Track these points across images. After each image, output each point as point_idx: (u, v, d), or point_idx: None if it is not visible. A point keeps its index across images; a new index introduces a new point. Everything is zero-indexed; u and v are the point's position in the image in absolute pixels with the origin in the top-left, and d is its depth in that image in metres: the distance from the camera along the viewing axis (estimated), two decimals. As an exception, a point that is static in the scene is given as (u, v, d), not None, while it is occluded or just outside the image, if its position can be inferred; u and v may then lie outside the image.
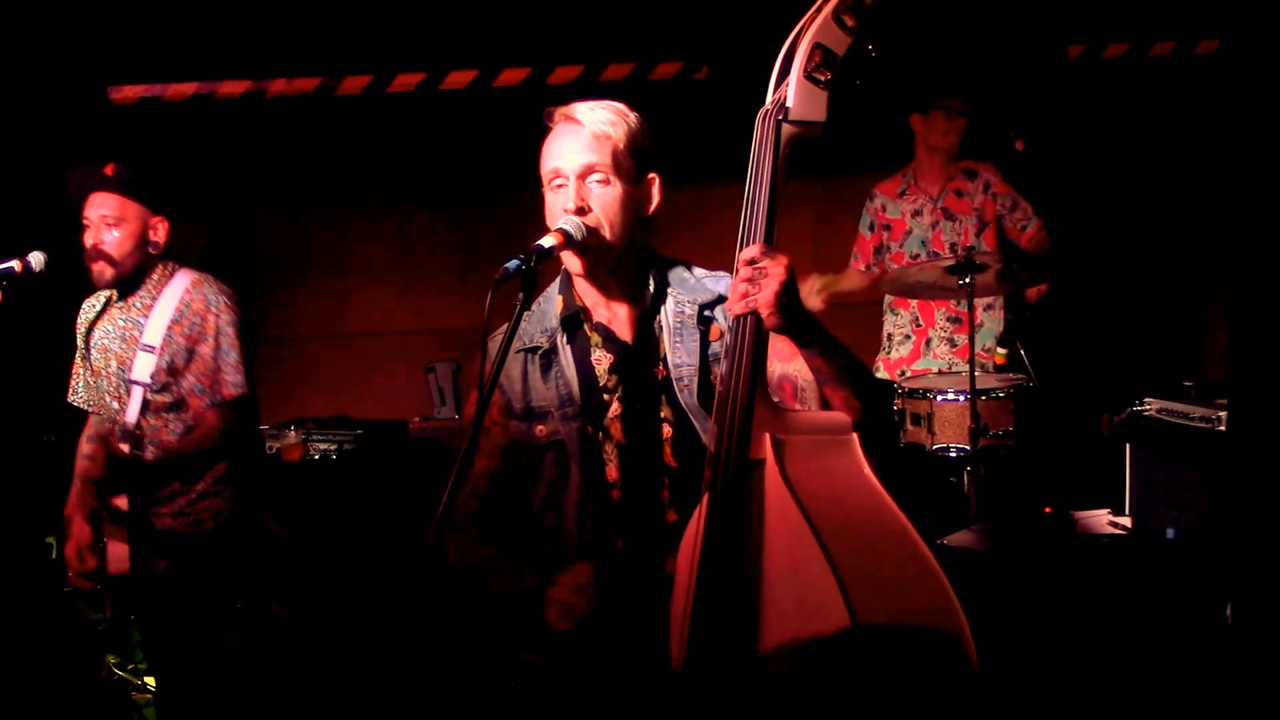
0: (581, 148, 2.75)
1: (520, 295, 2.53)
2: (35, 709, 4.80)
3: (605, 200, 2.75)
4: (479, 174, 7.20)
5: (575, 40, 7.09)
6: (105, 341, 4.21)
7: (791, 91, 2.53)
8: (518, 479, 2.92)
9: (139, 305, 4.18)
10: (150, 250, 4.17)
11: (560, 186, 2.76)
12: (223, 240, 7.29)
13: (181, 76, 7.07)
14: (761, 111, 2.55)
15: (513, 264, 2.51)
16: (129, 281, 4.18)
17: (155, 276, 4.20)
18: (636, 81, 7.22)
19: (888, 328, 6.30)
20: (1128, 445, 5.31)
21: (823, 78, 2.52)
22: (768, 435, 2.48)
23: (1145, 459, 5.23)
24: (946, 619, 2.36)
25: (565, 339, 2.87)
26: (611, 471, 2.82)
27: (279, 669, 4.37)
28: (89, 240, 4.11)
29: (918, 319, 6.15)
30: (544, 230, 2.69)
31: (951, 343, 6.07)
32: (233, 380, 4.12)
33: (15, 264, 3.94)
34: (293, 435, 6.27)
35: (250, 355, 4.20)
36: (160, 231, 4.17)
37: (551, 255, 2.63)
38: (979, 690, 2.37)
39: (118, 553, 4.05)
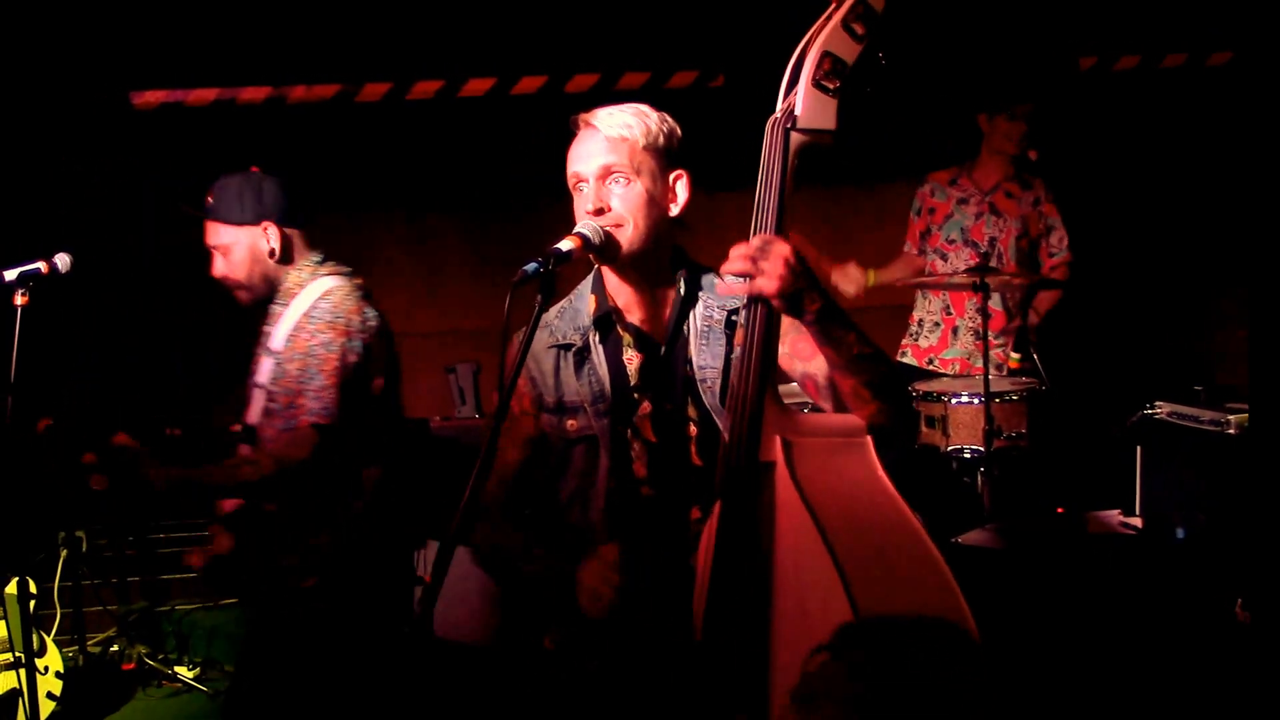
0: (599, 150, 2.82)
1: (539, 297, 2.59)
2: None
3: (625, 198, 2.81)
4: (497, 179, 7.25)
5: (592, 49, 7.13)
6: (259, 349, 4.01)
7: (800, 100, 2.53)
8: (546, 470, 2.99)
9: (275, 310, 3.96)
10: (271, 259, 3.93)
11: (581, 189, 2.84)
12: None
13: (203, 82, 7.14)
14: (771, 120, 2.57)
15: (531, 267, 2.57)
16: (268, 296, 3.98)
17: (289, 283, 3.95)
18: (653, 90, 7.25)
19: (918, 313, 6.32)
20: (1138, 447, 5.34)
21: (832, 86, 2.52)
22: (778, 437, 2.51)
23: (1155, 461, 5.26)
24: (954, 625, 2.37)
25: (598, 338, 2.93)
26: (639, 468, 2.88)
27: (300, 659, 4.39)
28: (214, 271, 3.98)
29: (948, 307, 6.17)
30: (562, 233, 2.74)
31: (977, 334, 6.09)
32: (311, 407, 3.71)
33: (41, 265, 3.96)
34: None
35: (357, 384, 3.79)
36: (272, 238, 3.92)
37: (570, 258, 2.67)
38: (985, 695, 2.40)
39: (220, 545, 3.83)
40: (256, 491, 3.77)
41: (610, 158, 2.81)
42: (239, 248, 3.94)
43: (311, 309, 3.85)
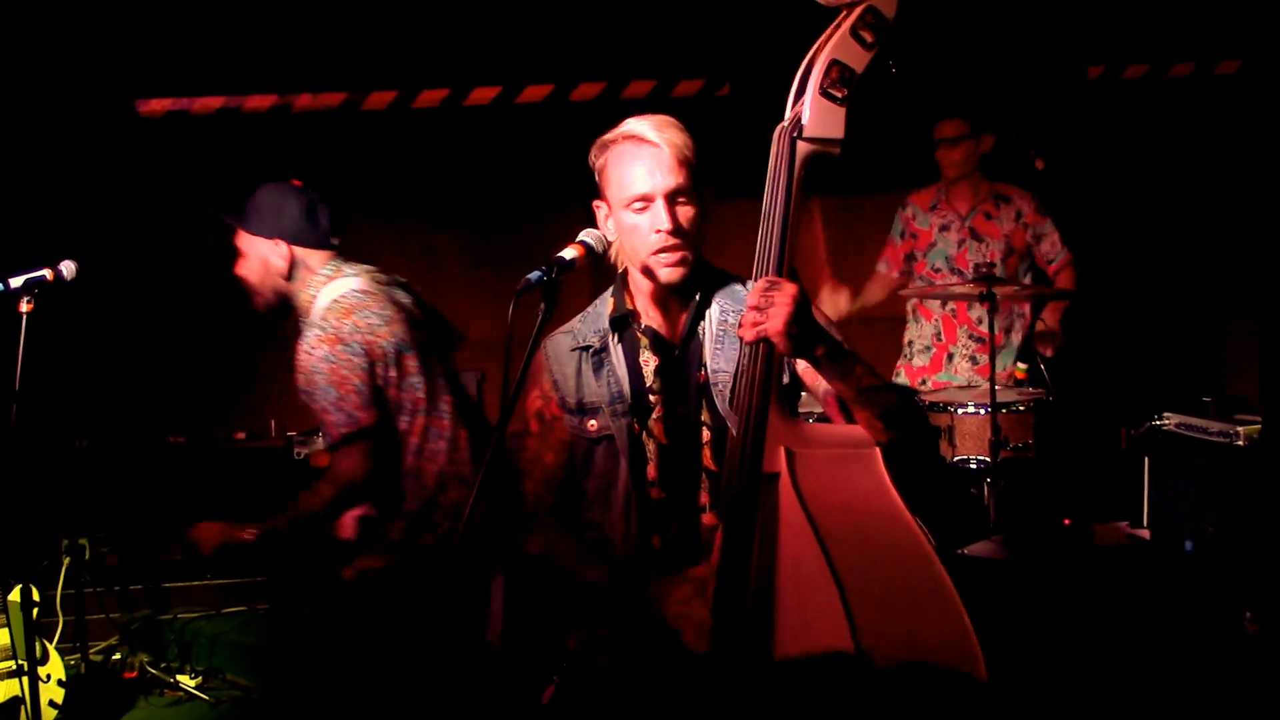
0: (666, 170, 2.81)
1: (542, 305, 2.60)
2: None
3: (690, 218, 2.83)
4: (501, 187, 7.24)
5: (598, 57, 7.12)
6: None
7: (807, 108, 2.53)
8: (573, 470, 3.01)
9: (303, 328, 3.97)
10: (280, 276, 3.94)
11: (644, 209, 2.82)
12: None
13: (209, 90, 7.13)
14: (778, 128, 2.57)
15: (534, 275, 2.59)
16: (282, 308, 4.00)
17: (303, 300, 3.96)
18: (658, 98, 7.23)
19: (909, 335, 6.31)
20: (1146, 459, 5.33)
21: (839, 94, 2.51)
22: (783, 448, 2.51)
23: (1163, 472, 5.25)
24: (955, 640, 2.36)
25: (615, 339, 2.95)
26: (651, 470, 2.88)
27: (308, 667, 4.38)
28: (237, 269, 4.00)
29: (939, 334, 6.16)
30: (566, 241, 2.74)
31: (973, 360, 6.08)
32: (337, 419, 3.77)
33: (47, 272, 4.01)
34: (320, 441, 6.34)
35: (374, 385, 3.81)
36: (283, 254, 3.93)
37: (573, 267, 2.68)
38: (989, 715, 2.38)
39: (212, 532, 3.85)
40: (330, 514, 3.86)
41: (678, 179, 2.81)
42: (254, 257, 3.97)
43: (309, 331, 3.87)
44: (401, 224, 7.57)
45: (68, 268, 4.04)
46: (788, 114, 2.58)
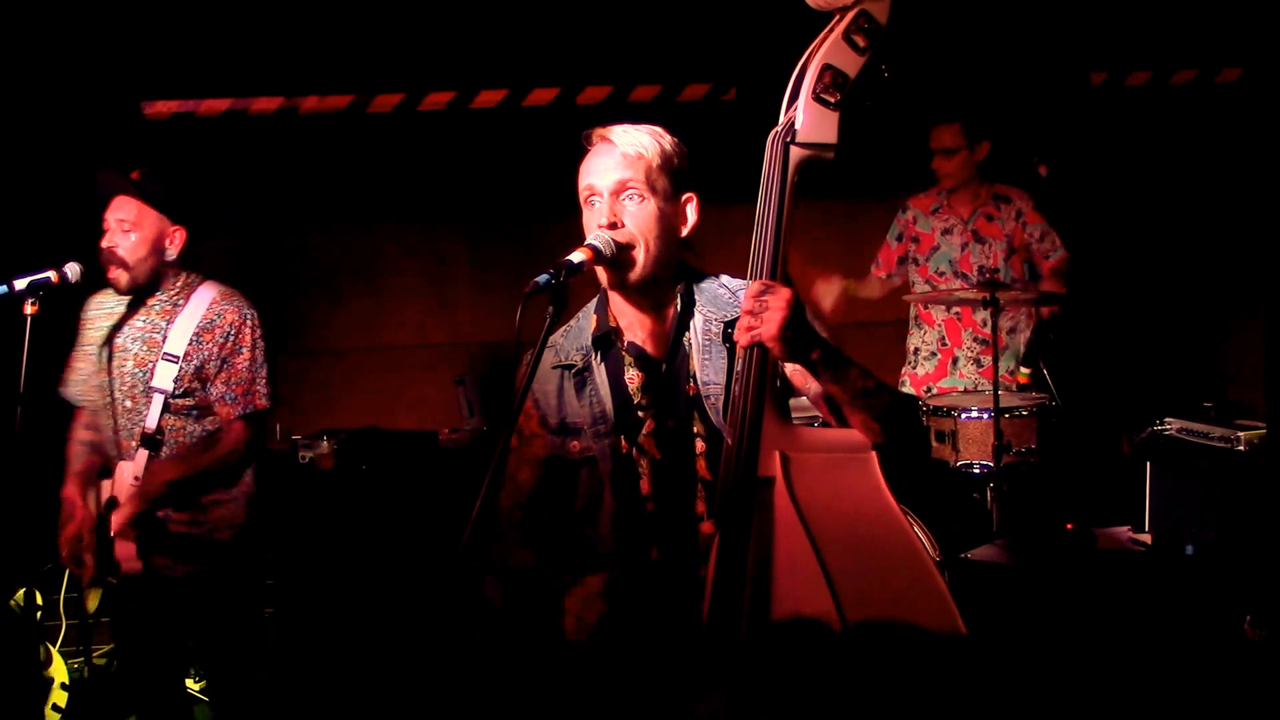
0: (614, 166, 2.81)
1: (550, 309, 2.59)
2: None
3: (638, 216, 2.80)
4: (509, 191, 7.24)
5: (604, 61, 7.11)
6: (123, 342, 4.16)
7: (800, 113, 2.54)
8: (558, 489, 2.98)
9: (159, 309, 4.14)
10: (165, 258, 4.14)
11: (594, 203, 2.83)
12: (253, 254, 7.33)
13: (215, 93, 7.13)
14: (771, 134, 2.58)
15: (542, 278, 2.57)
16: (144, 287, 4.15)
17: (177, 284, 4.18)
18: (665, 102, 7.23)
19: (914, 342, 6.31)
20: (1148, 464, 5.32)
21: (832, 99, 2.52)
22: (777, 453, 2.52)
23: (1165, 477, 5.24)
24: (949, 643, 2.37)
25: (598, 358, 2.93)
26: (645, 485, 2.86)
27: (307, 673, 4.41)
28: (105, 243, 4.10)
29: (944, 338, 6.16)
30: (573, 245, 2.73)
31: (978, 363, 6.08)
32: (264, 392, 4.15)
33: (51, 274, 4.01)
34: (325, 445, 6.33)
35: (273, 370, 4.25)
36: (176, 241, 4.13)
37: (581, 270, 2.67)
38: (978, 709, 2.39)
39: (126, 552, 4.01)
40: (234, 475, 4.18)
41: (626, 173, 2.81)
42: (147, 232, 4.11)
43: (234, 310, 4.17)
44: (407, 227, 7.57)
45: (72, 269, 4.04)
46: (781, 119, 2.59)
